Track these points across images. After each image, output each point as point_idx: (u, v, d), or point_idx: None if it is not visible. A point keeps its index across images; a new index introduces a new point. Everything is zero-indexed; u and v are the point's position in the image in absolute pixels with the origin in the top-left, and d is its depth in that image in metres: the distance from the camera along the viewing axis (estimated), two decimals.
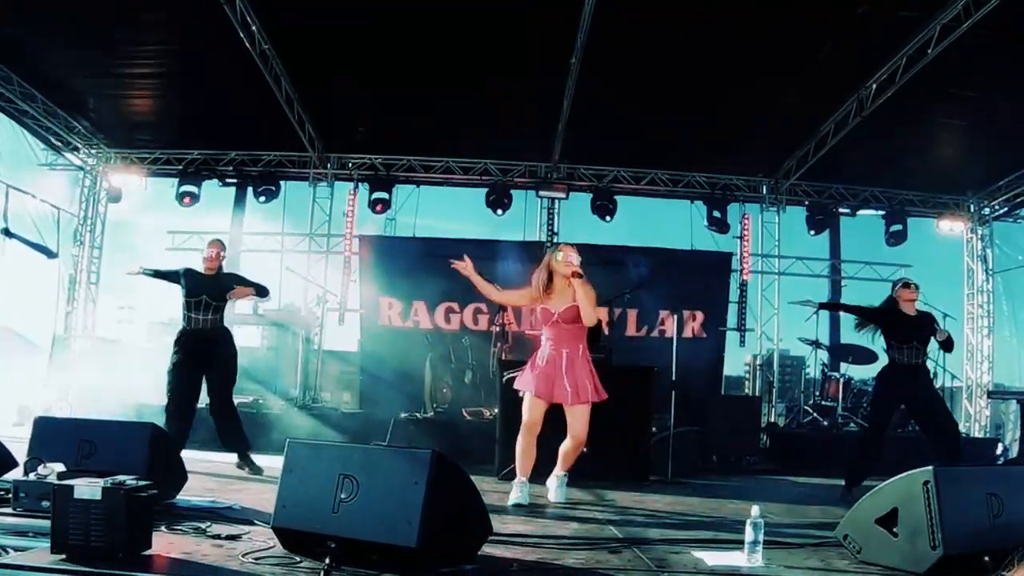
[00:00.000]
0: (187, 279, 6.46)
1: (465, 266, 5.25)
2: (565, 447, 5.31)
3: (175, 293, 6.57)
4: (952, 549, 3.16)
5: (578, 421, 5.17)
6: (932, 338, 6.28)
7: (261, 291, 6.77)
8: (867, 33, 7.70)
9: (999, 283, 12.06)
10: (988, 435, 11.18)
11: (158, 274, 6.64)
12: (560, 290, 5.23)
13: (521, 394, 5.32)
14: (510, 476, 6.25)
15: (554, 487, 5.39)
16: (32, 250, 10.42)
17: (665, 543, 3.94)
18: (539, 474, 5.39)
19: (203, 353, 6.35)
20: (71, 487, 2.98)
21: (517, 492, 5.19)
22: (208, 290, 6.41)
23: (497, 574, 3.21)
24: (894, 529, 3.40)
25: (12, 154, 10.54)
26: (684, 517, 4.99)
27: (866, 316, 6.56)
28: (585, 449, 5.56)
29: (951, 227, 11.91)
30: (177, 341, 6.40)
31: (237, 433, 6.46)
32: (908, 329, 6.20)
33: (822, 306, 6.34)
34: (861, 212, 11.93)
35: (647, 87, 9.06)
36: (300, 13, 8.05)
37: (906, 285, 6.35)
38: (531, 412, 5.21)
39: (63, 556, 2.91)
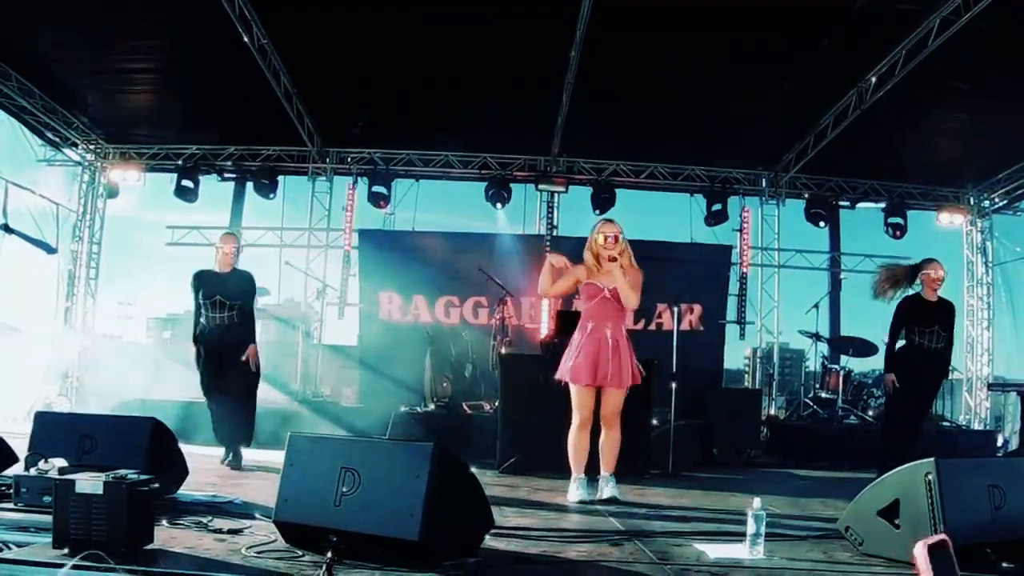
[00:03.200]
0: (201, 283, 6.32)
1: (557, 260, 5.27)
2: (603, 442, 5.16)
3: (174, 290, 6.50)
4: (954, 541, 3.16)
5: (611, 401, 5.10)
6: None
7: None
8: (867, 26, 7.68)
9: (998, 276, 12.07)
10: (988, 427, 11.20)
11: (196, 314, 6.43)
12: (609, 268, 5.16)
13: (562, 383, 5.18)
14: (511, 469, 6.28)
15: (604, 486, 5.11)
16: (31, 246, 10.41)
17: (667, 535, 3.95)
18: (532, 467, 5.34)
19: (223, 348, 6.23)
20: (72, 482, 2.97)
21: (579, 490, 5.07)
22: (222, 289, 6.25)
23: (499, 566, 3.21)
24: (896, 521, 3.39)
25: (11, 150, 10.55)
26: (686, 510, 4.99)
27: (898, 327, 6.46)
28: None
29: (951, 220, 11.90)
30: (196, 340, 6.27)
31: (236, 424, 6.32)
32: (930, 314, 6.11)
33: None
34: (861, 205, 11.93)
35: (646, 80, 9.03)
36: (298, 7, 8.03)
37: (935, 269, 6.14)
38: (583, 408, 5.08)
39: (65, 551, 2.90)
